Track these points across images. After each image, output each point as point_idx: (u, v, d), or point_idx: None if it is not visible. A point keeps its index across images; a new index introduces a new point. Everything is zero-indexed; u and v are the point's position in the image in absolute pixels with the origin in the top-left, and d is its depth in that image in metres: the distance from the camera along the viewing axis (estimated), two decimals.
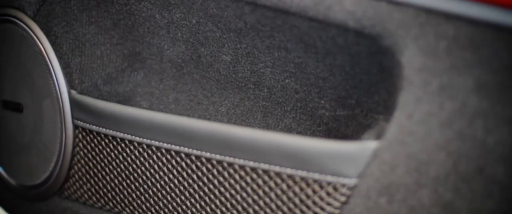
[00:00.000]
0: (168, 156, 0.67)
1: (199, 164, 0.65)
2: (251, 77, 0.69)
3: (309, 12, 0.57)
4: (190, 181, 0.66)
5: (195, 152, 0.65)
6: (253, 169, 0.61)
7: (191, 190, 0.67)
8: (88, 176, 0.75)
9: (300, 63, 0.65)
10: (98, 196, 0.74)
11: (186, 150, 0.65)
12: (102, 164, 0.73)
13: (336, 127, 0.66)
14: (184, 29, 0.69)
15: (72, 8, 0.74)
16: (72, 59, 0.74)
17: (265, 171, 0.60)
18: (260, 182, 0.61)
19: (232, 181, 0.63)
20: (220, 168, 0.63)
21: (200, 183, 0.66)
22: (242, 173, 0.62)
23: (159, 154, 0.68)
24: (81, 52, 0.74)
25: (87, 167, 0.75)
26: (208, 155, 0.64)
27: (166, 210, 0.69)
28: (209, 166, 0.64)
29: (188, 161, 0.66)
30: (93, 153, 0.73)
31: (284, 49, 0.64)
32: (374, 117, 0.61)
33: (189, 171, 0.66)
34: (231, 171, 0.62)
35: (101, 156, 0.72)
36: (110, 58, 0.75)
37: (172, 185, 0.68)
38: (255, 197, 0.62)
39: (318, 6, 0.56)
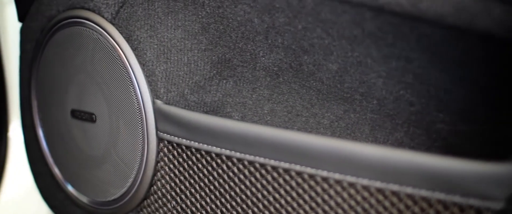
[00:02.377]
0: (263, 171, 0.61)
1: (300, 180, 0.59)
2: (359, 87, 0.64)
3: (447, 19, 0.52)
4: (289, 199, 0.61)
5: (297, 167, 0.59)
6: (380, 190, 0.55)
7: (290, 209, 0.61)
8: (173, 193, 0.69)
9: (421, 74, 0.59)
10: None
11: (284, 165, 0.60)
12: (191, 181, 0.67)
13: (457, 143, 0.61)
14: (286, 35, 0.63)
15: (156, 10, 0.68)
16: (157, 67, 0.68)
17: (395, 193, 0.55)
18: (387, 204, 0.56)
19: (351, 203, 0.57)
20: (331, 187, 0.58)
21: (301, 202, 0.60)
22: (366, 194, 0.56)
23: (252, 168, 0.62)
24: (167, 58, 0.68)
25: (172, 184, 0.69)
26: (313, 171, 0.58)
27: None
28: (312, 183, 0.59)
29: (287, 177, 0.60)
30: (181, 169, 0.67)
31: (404, 59, 0.59)
32: (506, 133, 0.56)
33: (288, 188, 0.60)
34: (352, 191, 0.57)
35: (191, 172, 0.67)
36: (198, 65, 0.69)
37: (265, 203, 0.62)
38: None
39: (461, 13, 0.51)
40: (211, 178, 0.66)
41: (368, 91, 0.64)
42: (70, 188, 0.79)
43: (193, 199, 0.67)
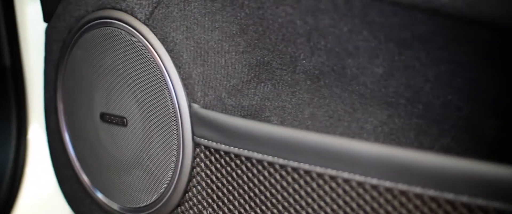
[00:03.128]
0: (307, 178, 0.60)
1: (347, 188, 0.57)
2: (405, 92, 0.62)
3: (505, 22, 0.50)
4: (335, 206, 0.59)
5: (345, 175, 0.57)
6: (434, 199, 0.54)
7: None
8: (209, 200, 0.67)
9: (472, 78, 0.57)
10: None
11: (330, 171, 0.58)
12: (229, 188, 0.65)
13: (504, 149, 0.59)
14: (330, 38, 0.61)
15: (193, 11, 0.66)
16: (193, 69, 0.66)
17: (449, 202, 0.53)
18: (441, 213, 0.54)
19: (403, 211, 0.55)
20: (381, 195, 0.56)
21: (348, 210, 0.58)
22: (418, 203, 0.54)
23: (296, 175, 0.60)
24: (204, 61, 0.66)
25: (209, 190, 0.66)
26: (361, 178, 0.56)
27: None
28: (361, 190, 0.57)
29: (334, 185, 0.58)
30: (219, 175, 0.65)
31: (455, 63, 0.57)
32: None
33: (334, 195, 0.58)
34: (403, 200, 0.55)
35: (229, 178, 0.64)
36: (235, 68, 0.66)
37: (310, 210, 0.60)
38: None
39: None
40: (251, 184, 0.64)
41: (414, 96, 0.62)
42: (98, 194, 0.77)
43: (231, 206, 0.65)
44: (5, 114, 0.93)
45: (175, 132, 0.67)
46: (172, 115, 0.67)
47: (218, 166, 0.65)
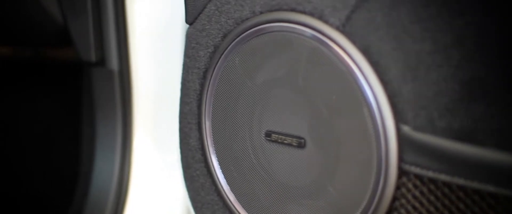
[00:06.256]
0: None
1: None
2: None
3: None
4: None
5: None
6: None
7: None
8: None
9: None
10: None
11: None
12: None
13: None
14: None
15: (401, 17, 0.56)
16: (403, 86, 0.56)
17: None
18: None
19: None
20: None
21: None
22: None
23: None
24: (414, 76, 0.56)
25: None
26: None
27: None
28: None
29: None
30: (432, 209, 0.56)
31: None
32: None
33: None
34: None
35: (446, 213, 0.56)
36: (447, 84, 0.57)
37: None
38: None
39: None
40: None
41: None
42: None
43: None
44: (110, 121, 0.83)
45: (375, 157, 0.57)
46: (373, 137, 0.57)
47: (432, 198, 0.56)
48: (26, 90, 1.19)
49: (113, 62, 0.83)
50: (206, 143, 0.69)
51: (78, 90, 1.05)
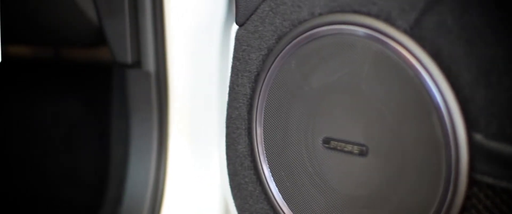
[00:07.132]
0: None
1: None
2: None
3: None
4: None
5: None
6: None
7: None
8: None
9: None
10: None
11: None
12: None
13: None
14: None
15: (473, 20, 0.54)
16: (476, 92, 0.54)
17: None
18: None
19: None
20: None
21: None
22: None
23: None
24: (488, 82, 0.54)
25: None
26: None
27: None
28: None
29: None
30: None
31: None
32: None
33: None
34: None
35: None
36: None
37: None
38: None
39: None
40: None
41: None
42: None
43: None
44: (145, 124, 0.80)
45: (444, 165, 0.55)
46: (442, 145, 0.55)
47: (505, 208, 0.54)
48: (49, 91, 1.16)
49: (150, 64, 0.80)
50: (256, 150, 0.67)
51: (104, 91, 1.02)
